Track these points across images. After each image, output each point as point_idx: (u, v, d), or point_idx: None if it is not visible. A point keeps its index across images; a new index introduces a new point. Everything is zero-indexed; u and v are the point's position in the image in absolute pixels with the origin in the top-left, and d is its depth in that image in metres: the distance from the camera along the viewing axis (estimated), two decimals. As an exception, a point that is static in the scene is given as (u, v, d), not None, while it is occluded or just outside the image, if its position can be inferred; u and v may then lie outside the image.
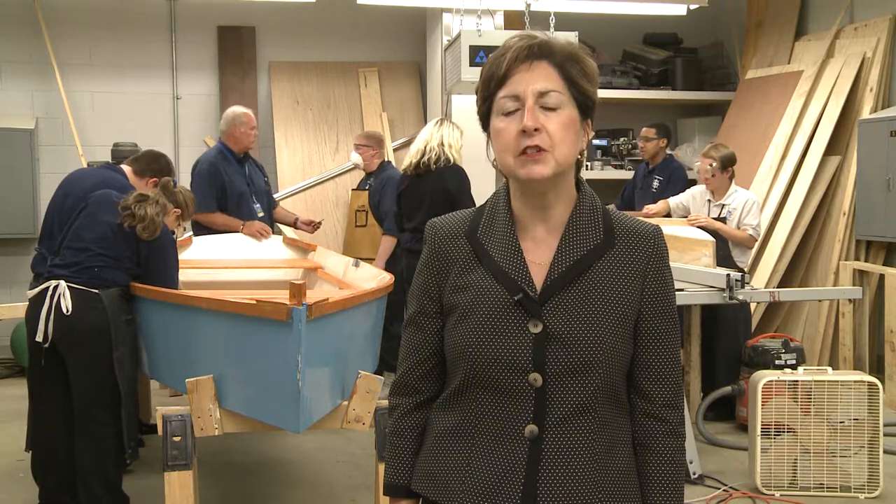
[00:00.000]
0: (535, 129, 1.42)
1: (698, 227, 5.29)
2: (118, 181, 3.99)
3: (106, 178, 4.03)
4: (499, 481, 1.46)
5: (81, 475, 3.60)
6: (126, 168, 4.17)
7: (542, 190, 1.48)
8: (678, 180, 6.24)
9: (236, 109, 5.66)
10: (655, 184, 6.28)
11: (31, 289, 3.77)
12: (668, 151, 6.65)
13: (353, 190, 6.65)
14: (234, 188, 5.49)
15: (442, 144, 5.07)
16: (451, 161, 5.06)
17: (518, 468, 1.45)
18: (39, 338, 3.57)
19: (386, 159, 6.43)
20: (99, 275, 3.62)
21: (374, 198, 6.02)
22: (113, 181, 3.97)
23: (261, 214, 5.60)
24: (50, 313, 3.55)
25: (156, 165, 4.20)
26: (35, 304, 3.63)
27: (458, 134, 5.15)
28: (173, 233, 3.90)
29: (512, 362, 1.45)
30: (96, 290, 3.58)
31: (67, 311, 3.53)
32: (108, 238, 3.67)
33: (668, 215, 5.81)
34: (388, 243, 5.68)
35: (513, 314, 1.46)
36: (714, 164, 5.39)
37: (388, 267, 5.33)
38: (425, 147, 5.12)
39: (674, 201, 5.80)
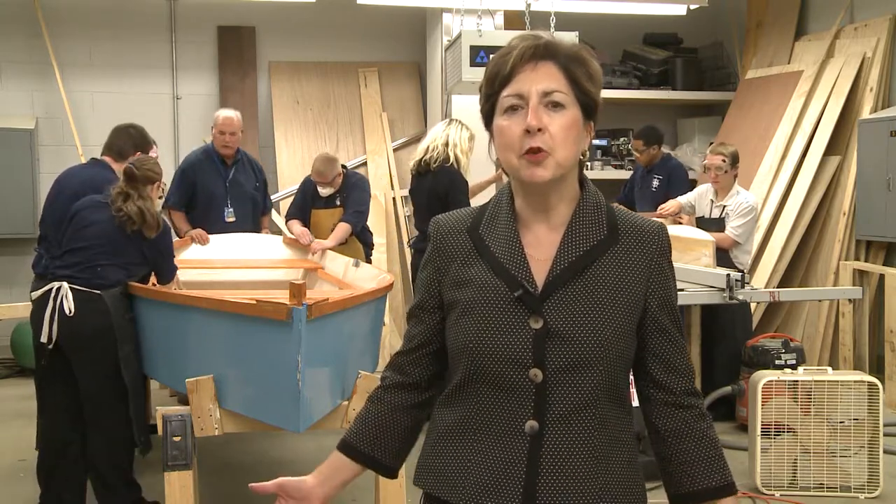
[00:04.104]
0: (538, 130, 1.43)
1: (665, 215, 5.53)
2: (104, 176, 3.97)
3: (93, 175, 4.02)
4: (500, 477, 1.46)
5: (96, 471, 3.63)
6: (107, 159, 4.15)
7: (544, 191, 1.49)
8: (678, 179, 6.22)
9: (219, 113, 5.56)
10: (655, 183, 6.25)
11: (33, 289, 3.78)
12: (667, 151, 6.62)
13: (316, 209, 5.68)
14: (205, 190, 5.42)
15: (447, 144, 5.03)
16: (451, 161, 5.03)
17: (519, 464, 1.46)
18: (44, 339, 3.57)
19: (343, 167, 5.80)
20: (101, 273, 3.62)
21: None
22: (99, 178, 3.95)
23: (231, 220, 5.48)
24: (54, 315, 3.55)
25: (129, 141, 4.15)
26: (39, 305, 3.62)
27: (466, 135, 5.07)
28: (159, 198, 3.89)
29: (512, 357, 1.45)
30: (98, 291, 3.58)
31: (70, 313, 3.53)
32: (110, 236, 3.66)
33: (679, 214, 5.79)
34: (342, 230, 5.40)
35: (513, 310, 1.46)
36: (726, 161, 5.38)
37: None
38: (429, 146, 5.10)
39: (682, 200, 5.79)
